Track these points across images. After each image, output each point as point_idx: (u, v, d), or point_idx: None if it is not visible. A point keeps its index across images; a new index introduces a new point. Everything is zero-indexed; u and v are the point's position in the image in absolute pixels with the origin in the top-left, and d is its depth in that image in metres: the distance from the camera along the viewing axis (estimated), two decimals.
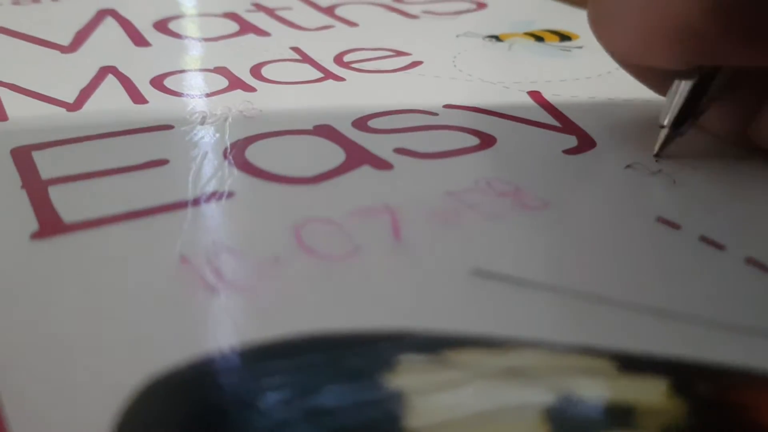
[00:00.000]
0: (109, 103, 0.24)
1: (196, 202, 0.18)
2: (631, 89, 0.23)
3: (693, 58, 0.19)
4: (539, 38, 0.32)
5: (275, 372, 0.13)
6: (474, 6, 0.37)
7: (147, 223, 0.17)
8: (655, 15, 0.18)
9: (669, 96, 0.20)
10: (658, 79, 0.22)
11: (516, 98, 0.25)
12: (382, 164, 0.21)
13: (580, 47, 0.31)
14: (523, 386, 0.12)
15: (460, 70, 0.28)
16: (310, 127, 0.23)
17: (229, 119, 0.23)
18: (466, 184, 0.19)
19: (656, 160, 0.21)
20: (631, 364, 0.13)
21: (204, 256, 0.16)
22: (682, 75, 0.20)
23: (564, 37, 0.32)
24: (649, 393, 0.12)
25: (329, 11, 0.35)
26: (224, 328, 0.14)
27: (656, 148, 0.21)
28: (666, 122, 0.20)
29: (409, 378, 0.12)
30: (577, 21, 0.34)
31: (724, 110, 0.21)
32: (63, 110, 0.24)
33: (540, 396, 0.12)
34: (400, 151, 0.21)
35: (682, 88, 0.20)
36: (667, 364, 0.13)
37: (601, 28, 0.21)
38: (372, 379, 0.12)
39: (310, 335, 0.14)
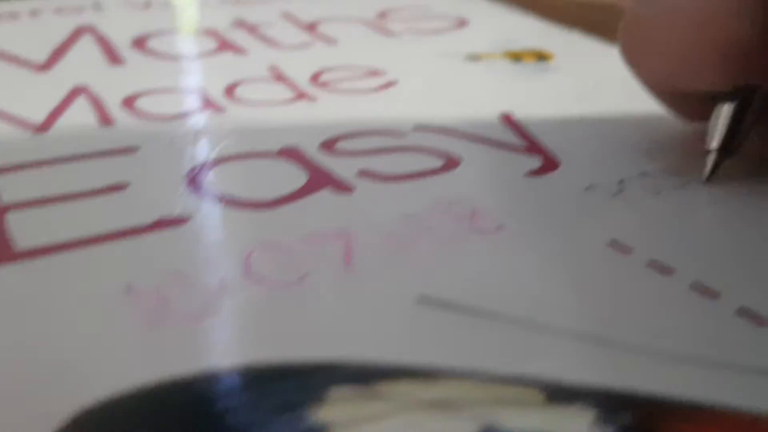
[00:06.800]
0: (77, 125, 0.24)
1: (149, 227, 0.18)
2: (603, 110, 0.23)
3: (742, 77, 0.19)
4: (518, 57, 0.32)
5: (201, 405, 0.13)
6: (455, 24, 0.37)
7: (98, 250, 0.17)
8: (705, 36, 0.19)
9: (713, 120, 0.20)
10: (693, 104, 0.22)
11: (487, 120, 0.25)
12: (343, 187, 0.21)
13: (556, 68, 0.31)
14: (447, 418, 0.12)
15: (434, 91, 0.28)
16: (276, 149, 0.23)
17: (196, 141, 0.23)
18: (425, 207, 0.19)
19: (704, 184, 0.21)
20: (560, 393, 0.13)
21: (151, 285, 0.16)
22: (722, 97, 0.20)
23: (541, 56, 0.32)
24: (573, 423, 0.12)
25: (311, 28, 0.36)
26: (158, 361, 0.14)
27: (706, 173, 0.21)
28: (714, 146, 0.20)
29: (335, 411, 0.12)
30: (555, 40, 0.34)
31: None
32: (29, 132, 0.24)
33: (463, 428, 0.12)
34: (364, 173, 0.21)
35: (725, 110, 0.20)
36: (597, 393, 0.13)
37: (639, 56, 0.21)
38: (297, 413, 0.12)
39: (242, 367, 0.14)
